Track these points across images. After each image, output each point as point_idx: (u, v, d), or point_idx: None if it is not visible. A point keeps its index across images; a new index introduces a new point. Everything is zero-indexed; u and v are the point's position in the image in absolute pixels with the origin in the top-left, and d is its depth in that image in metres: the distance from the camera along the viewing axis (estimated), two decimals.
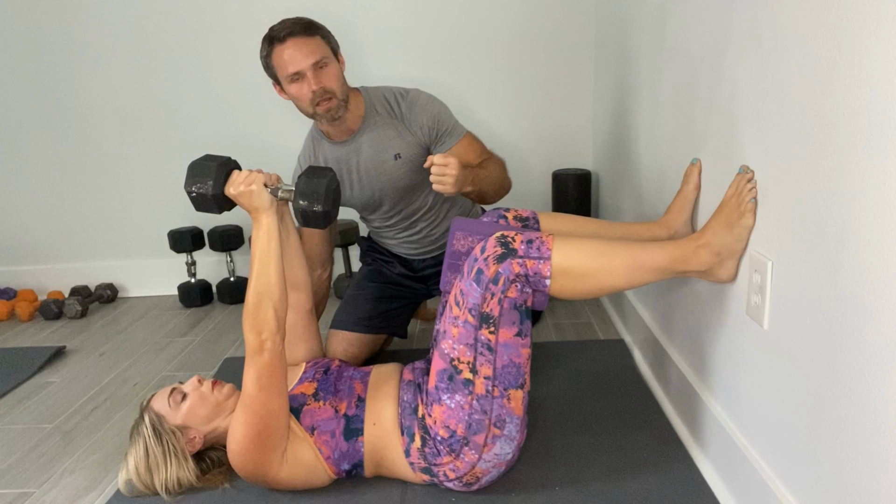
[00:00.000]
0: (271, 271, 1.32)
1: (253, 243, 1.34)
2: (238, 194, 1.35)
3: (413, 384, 1.40)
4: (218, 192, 1.35)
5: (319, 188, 1.36)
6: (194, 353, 2.26)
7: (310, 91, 1.67)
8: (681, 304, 1.58)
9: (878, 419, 0.84)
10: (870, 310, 0.84)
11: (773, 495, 1.10)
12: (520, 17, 2.62)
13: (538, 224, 1.47)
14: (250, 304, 1.30)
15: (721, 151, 1.30)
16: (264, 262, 1.32)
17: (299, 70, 1.66)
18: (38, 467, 1.61)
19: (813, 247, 0.97)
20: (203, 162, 1.36)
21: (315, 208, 1.34)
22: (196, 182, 1.34)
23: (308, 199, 1.34)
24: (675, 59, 1.56)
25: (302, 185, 1.37)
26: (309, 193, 1.35)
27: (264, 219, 1.35)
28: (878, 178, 0.81)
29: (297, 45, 1.65)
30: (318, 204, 1.35)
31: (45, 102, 2.74)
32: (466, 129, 1.86)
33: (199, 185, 1.34)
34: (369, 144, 1.82)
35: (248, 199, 1.35)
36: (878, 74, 0.80)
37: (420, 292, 2.08)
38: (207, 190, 1.34)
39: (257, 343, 1.27)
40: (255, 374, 1.27)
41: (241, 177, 1.36)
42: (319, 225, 1.38)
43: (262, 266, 1.32)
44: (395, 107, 1.82)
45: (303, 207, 1.34)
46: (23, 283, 2.92)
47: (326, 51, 1.69)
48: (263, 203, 1.35)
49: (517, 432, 1.31)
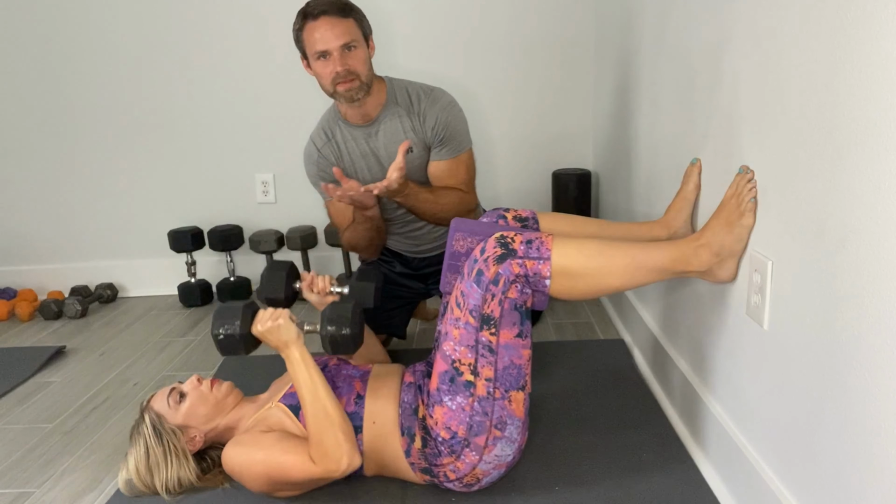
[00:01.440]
0: (322, 397, 1.30)
1: (294, 378, 1.34)
2: (266, 331, 1.34)
3: (414, 386, 1.40)
4: (245, 331, 1.36)
5: (346, 312, 1.38)
6: (194, 352, 2.26)
7: (333, 71, 1.68)
8: (681, 304, 1.58)
9: (877, 419, 0.84)
10: (870, 310, 0.84)
11: (773, 495, 1.10)
12: (520, 17, 2.61)
13: (538, 224, 1.47)
14: (314, 433, 1.28)
15: (721, 151, 1.30)
16: (312, 391, 1.31)
17: (327, 49, 1.67)
18: (38, 467, 1.61)
19: (813, 247, 0.97)
20: (228, 305, 1.39)
21: (343, 332, 1.36)
22: (223, 324, 1.36)
23: (336, 325, 1.36)
24: (675, 59, 1.56)
25: (328, 311, 1.39)
26: (335, 318, 1.37)
27: (295, 351, 1.34)
28: (878, 178, 0.81)
29: (330, 24, 1.66)
30: (346, 327, 1.36)
31: (46, 102, 2.74)
32: (469, 149, 1.87)
33: (227, 326, 1.35)
34: (385, 133, 1.83)
35: (276, 335, 1.34)
36: (878, 74, 0.81)
37: (419, 292, 2.08)
38: (235, 330, 1.35)
39: (334, 467, 1.27)
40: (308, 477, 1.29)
41: (268, 314, 1.36)
42: (348, 350, 1.40)
43: (313, 395, 1.31)
44: (414, 102, 1.83)
45: (331, 333, 1.36)
46: (23, 283, 2.92)
47: (357, 34, 1.70)
48: (291, 336, 1.34)
49: (518, 434, 1.31)
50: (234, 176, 2.80)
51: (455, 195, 1.83)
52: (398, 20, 2.60)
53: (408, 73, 1.95)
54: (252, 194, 2.82)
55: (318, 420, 1.29)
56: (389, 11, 2.57)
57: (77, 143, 2.78)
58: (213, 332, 1.36)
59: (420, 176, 1.86)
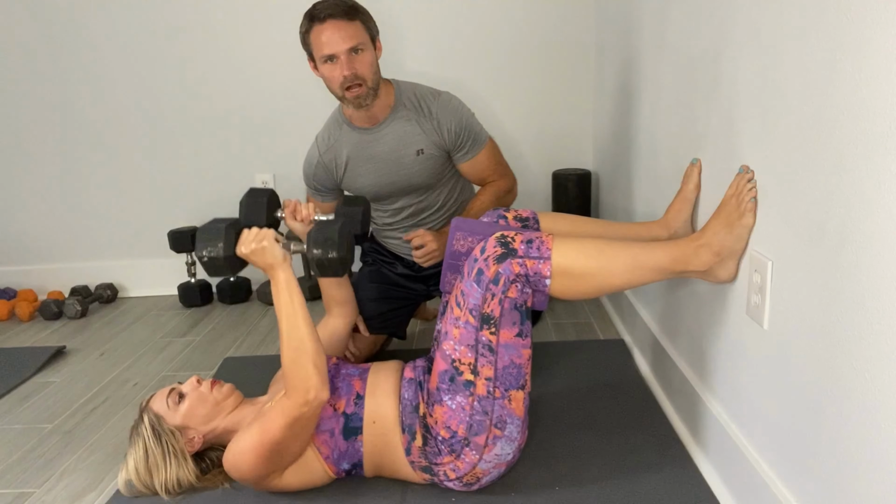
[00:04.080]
0: (301, 325, 1.29)
1: (275, 300, 1.32)
2: (250, 252, 1.32)
3: (414, 382, 1.40)
4: (230, 253, 1.33)
5: (332, 234, 1.34)
6: (194, 353, 2.26)
7: (341, 75, 1.69)
8: (681, 304, 1.58)
9: (877, 419, 0.84)
10: (870, 310, 0.84)
11: (773, 495, 1.10)
12: (520, 17, 2.61)
13: (538, 224, 1.47)
14: (287, 362, 1.27)
15: (721, 151, 1.30)
16: (291, 317, 1.29)
17: (334, 53, 1.67)
18: (38, 467, 1.61)
19: (813, 247, 0.97)
20: (211, 225, 1.35)
21: (330, 255, 1.32)
22: (206, 246, 1.32)
23: (322, 247, 1.32)
24: (675, 59, 1.56)
25: (314, 233, 1.35)
26: (322, 241, 1.33)
27: (280, 273, 1.32)
28: (878, 178, 0.81)
29: (336, 27, 1.66)
30: (333, 251, 1.33)
31: (46, 102, 2.74)
32: (487, 139, 1.92)
33: (210, 248, 1.32)
34: (392, 136, 1.84)
35: (261, 257, 1.32)
36: (878, 74, 0.80)
37: (420, 293, 2.08)
38: (219, 252, 1.32)
39: (302, 399, 1.25)
40: (287, 422, 1.26)
41: (252, 235, 1.33)
42: (337, 273, 1.36)
43: (291, 321, 1.29)
44: (423, 105, 1.84)
45: (317, 256, 1.32)
46: (23, 283, 2.92)
47: (364, 37, 1.71)
48: (277, 258, 1.32)
49: (518, 433, 1.31)
50: (234, 176, 2.80)
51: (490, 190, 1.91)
52: (399, 21, 2.60)
53: (408, 74, 1.96)
54: None
55: (292, 347, 1.27)
56: (391, 14, 2.57)
57: (77, 143, 2.78)
58: (198, 254, 1.32)
59: (432, 176, 1.89)
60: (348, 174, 1.90)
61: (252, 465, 1.29)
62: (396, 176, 1.86)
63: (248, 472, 1.30)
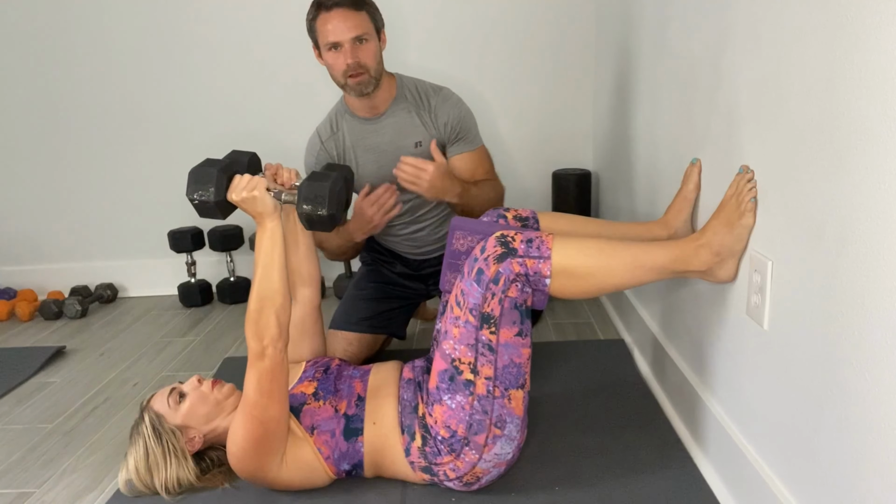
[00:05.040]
0: (274, 276, 1.30)
1: (256, 248, 1.32)
2: (241, 200, 1.33)
3: (413, 382, 1.40)
4: (220, 198, 1.33)
5: (323, 191, 1.33)
6: (194, 353, 2.26)
7: (344, 63, 1.70)
8: (681, 304, 1.58)
9: (877, 419, 0.84)
10: (870, 310, 0.84)
11: (773, 495, 1.10)
12: (520, 17, 2.61)
13: (538, 224, 1.47)
14: (252, 309, 1.28)
15: (721, 151, 1.30)
16: (267, 267, 1.30)
17: (339, 41, 1.69)
18: (38, 467, 1.61)
19: (813, 247, 0.97)
20: (204, 168, 1.34)
21: (320, 212, 1.32)
22: (198, 189, 1.32)
23: (312, 203, 1.32)
24: (676, 58, 1.56)
25: (305, 188, 1.34)
26: (312, 197, 1.33)
27: (268, 223, 1.32)
28: (878, 178, 0.81)
29: (342, 16, 1.68)
30: (323, 207, 1.32)
31: (45, 102, 2.74)
32: (483, 143, 1.92)
33: (201, 192, 1.32)
34: (393, 128, 1.85)
35: (251, 205, 1.33)
36: (878, 74, 0.81)
37: (419, 293, 2.08)
38: (210, 196, 1.32)
39: (259, 349, 1.26)
40: (255, 380, 1.26)
41: (244, 182, 1.33)
42: (325, 228, 1.36)
43: (265, 271, 1.30)
44: (424, 98, 1.86)
45: (307, 211, 1.32)
46: (23, 283, 2.92)
47: (369, 27, 1.72)
48: (267, 208, 1.32)
49: (517, 432, 1.31)
50: None
51: (489, 184, 1.89)
52: (399, 20, 2.60)
53: (408, 71, 1.95)
54: None
55: (261, 296, 1.28)
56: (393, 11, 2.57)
57: (77, 143, 2.78)
58: (189, 196, 1.32)
59: None
60: (348, 163, 1.90)
61: (246, 448, 1.28)
62: (395, 167, 1.86)
63: (246, 458, 1.29)
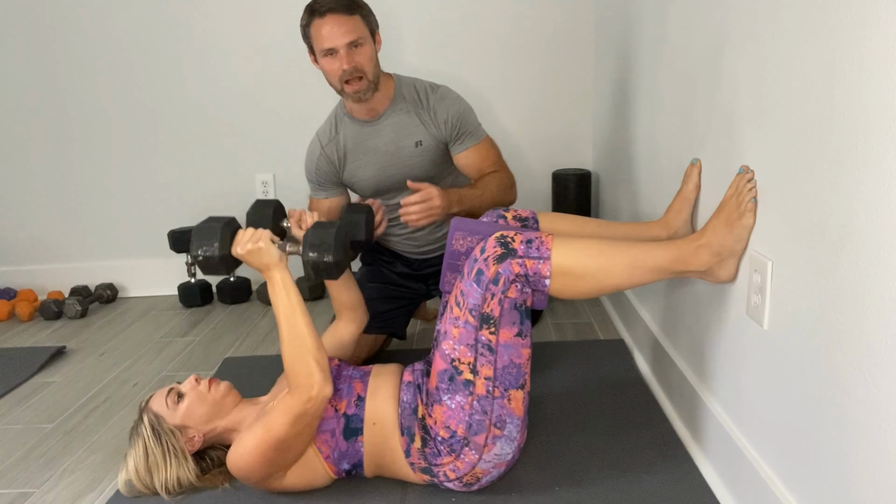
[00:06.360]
0: (300, 324, 1.29)
1: (273, 301, 1.32)
2: (246, 253, 1.31)
3: (413, 385, 1.40)
4: (225, 253, 1.32)
5: (328, 238, 1.33)
6: (194, 353, 2.26)
7: (340, 69, 1.71)
8: (681, 304, 1.58)
9: (877, 419, 0.84)
10: (870, 310, 0.84)
11: (773, 495, 1.10)
12: (520, 17, 2.62)
13: (537, 224, 1.47)
14: (289, 360, 1.28)
15: (721, 151, 1.30)
16: (290, 317, 1.29)
17: (334, 47, 1.69)
18: (38, 467, 1.61)
19: (813, 247, 0.97)
20: (207, 225, 1.34)
21: (325, 259, 1.31)
22: (202, 245, 1.32)
23: (317, 251, 1.31)
24: (675, 58, 1.56)
25: (310, 235, 1.34)
26: (318, 244, 1.32)
27: (276, 274, 1.32)
28: (878, 177, 0.81)
29: (336, 22, 1.68)
30: (329, 255, 1.32)
31: (45, 102, 2.74)
32: (486, 134, 1.91)
33: (206, 248, 1.32)
34: (392, 128, 1.85)
35: (257, 257, 1.31)
36: (878, 74, 0.80)
37: (419, 293, 2.08)
38: (214, 252, 1.31)
39: (306, 396, 1.25)
40: (291, 418, 1.26)
41: (247, 235, 1.32)
42: (332, 276, 1.35)
43: (289, 322, 1.29)
44: (422, 97, 1.86)
45: (312, 259, 1.31)
46: (23, 283, 2.92)
47: (364, 31, 1.73)
48: (273, 259, 1.31)
49: (517, 433, 1.31)
50: (234, 176, 2.80)
51: (494, 177, 1.86)
52: (397, 19, 2.60)
53: (406, 70, 1.95)
54: (252, 194, 2.82)
55: (293, 346, 1.28)
56: (389, 11, 2.57)
57: (77, 143, 2.78)
58: (192, 254, 1.32)
59: (431, 169, 1.89)
60: (349, 166, 1.90)
61: (255, 465, 1.29)
62: (396, 168, 1.86)
63: (251, 472, 1.30)
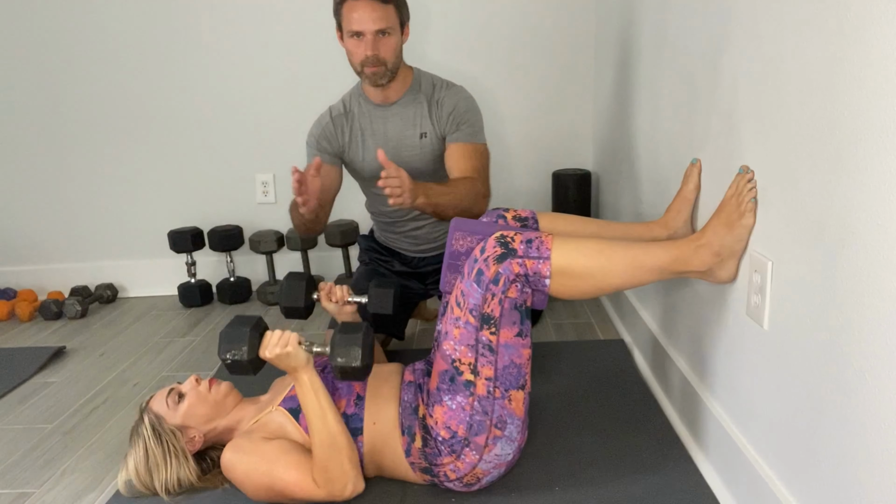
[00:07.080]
0: (330, 424, 1.30)
1: (301, 401, 1.32)
2: (274, 357, 1.32)
3: (414, 385, 1.40)
4: (253, 356, 1.33)
5: (356, 342, 1.34)
6: (194, 353, 2.26)
7: (364, 54, 1.73)
8: (681, 304, 1.58)
9: (877, 419, 0.84)
10: (870, 310, 0.84)
11: (772, 495, 1.10)
12: (520, 17, 2.61)
13: (537, 224, 1.47)
14: (321, 459, 1.28)
15: (721, 151, 1.30)
16: (321, 418, 1.30)
17: (362, 31, 1.71)
18: (38, 467, 1.61)
19: (813, 247, 0.97)
20: (234, 328, 1.36)
21: (353, 364, 1.33)
22: (230, 349, 1.33)
23: (345, 357, 1.33)
24: (676, 59, 1.56)
25: (337, 341, 1.35)
26: (345, 351, 1.34)
27: (304, 375, 1.33)
28: (877, 178, 0.81)
29: (370, 7, 1.70)
30: (357, 360, 1.33)
31: (45, 103, 2.74)
32: (483, 143, 1.89)
33: (234, 351, 1.33)
34: (401, 117, 1.87)
35: (284, 361, 1.32)
36: (878, 74, 0.80)
37: (418, 293, 2.07)
38: (243, 357, 1.32)
39: (339, 493, 1.29)
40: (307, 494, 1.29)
41: (275, 339, 1.33)
42: (358, 378, 1.37)
43: (321, 422, 1.30)
44: (435, 92, 1.88)
45: (340, 364, 1.33)
46: (23, 283, 2.92)
47: (394, 21, 1.74)
48: (300, 362, 1.32)
49: (518, 433, 1.31)
50: (234, 176, 2.80)
51: (467, 181, 1.80)
52: None
53: None
54: (252, 194, 2.82)
55: (324, 446, 1.28)
56: None
57: (77, 143, 2.78)
58: (221, 356, 1.34)
59: (432, 163, 1.89)
60: (353, 144, 1.91)
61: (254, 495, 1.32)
62: (398, 158, 1.86)
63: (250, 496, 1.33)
